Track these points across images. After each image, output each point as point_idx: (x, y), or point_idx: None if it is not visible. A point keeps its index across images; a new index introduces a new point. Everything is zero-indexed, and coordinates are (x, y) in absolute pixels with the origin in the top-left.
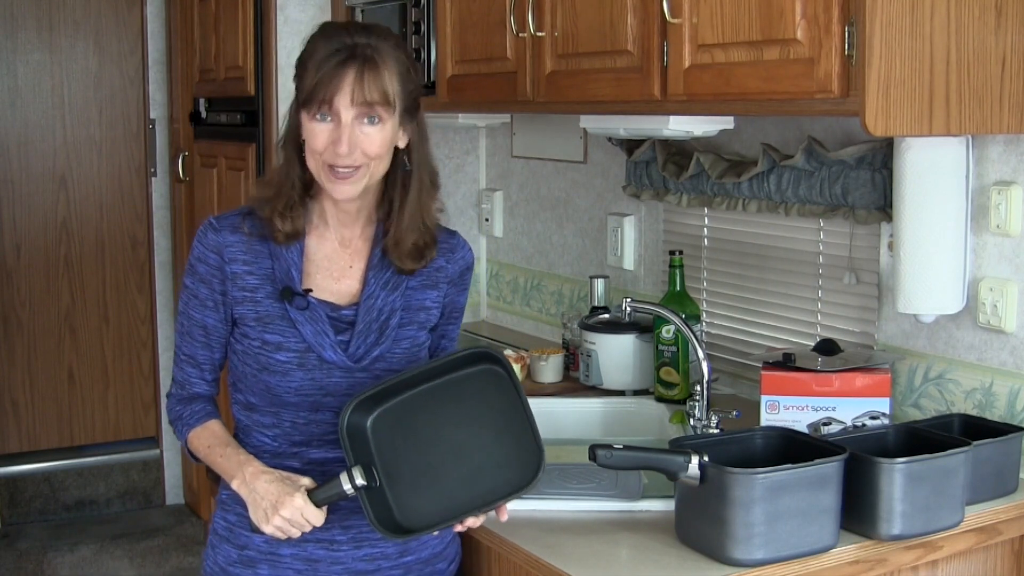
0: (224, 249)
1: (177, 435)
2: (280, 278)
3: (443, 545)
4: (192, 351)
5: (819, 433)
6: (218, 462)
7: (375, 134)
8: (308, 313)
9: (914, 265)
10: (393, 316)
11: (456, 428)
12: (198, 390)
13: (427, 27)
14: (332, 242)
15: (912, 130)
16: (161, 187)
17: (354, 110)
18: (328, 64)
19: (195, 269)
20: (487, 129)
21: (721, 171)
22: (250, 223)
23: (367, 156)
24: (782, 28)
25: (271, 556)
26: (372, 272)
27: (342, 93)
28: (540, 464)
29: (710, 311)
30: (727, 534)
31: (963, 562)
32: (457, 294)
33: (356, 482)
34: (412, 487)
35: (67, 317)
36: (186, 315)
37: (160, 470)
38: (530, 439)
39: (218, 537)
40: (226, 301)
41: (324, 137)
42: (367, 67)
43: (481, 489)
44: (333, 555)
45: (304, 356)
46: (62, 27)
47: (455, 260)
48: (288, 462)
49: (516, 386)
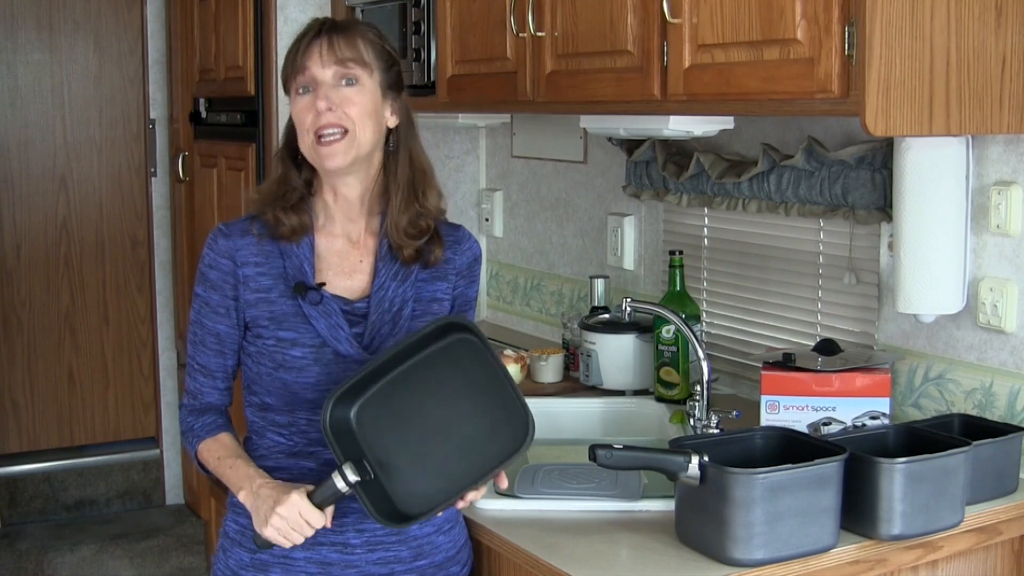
0: (236, 252)
1: (187, 447)
2: (292, 275)
3: (456, 549)
4: (205, 360)
5: (819, 433)
6: (227, 474)
7: (354, 95)
8: (321, 308)
9: (914, 265)
10: (405, 307)
11: (439, 404)
12: (210, 400)
13: (427, 27)
14: (341, 239)
15: (912, 130)
16: (161, 187)
17: (328, 70)
18: (301, 43)
19: (206, 276)
20: (487, 129)
21: (721, 171)
22: (258, 225)
23: (349, 117)
24: (782, 28)
25: (284, 560)
26: (381, 263)
27: (313, 55)
28: (528, 424)
29: (710, 311)
30: (727, 534)
31: (963, 562)
32: (466, 286)
33: (348, 479)
34: (407, 472)
35: (67, 317)
36: (198, 324)
37: (160, 470)
38: (514, 401)
39: (229, 540)
40: (238, 306)
41: (308, 108)
42: (336, 32)
43: (475, 460)
44: (347, 558)
45: (320, 351)
46: (62, 27)
47: (462, 252)
48: (304, 462)
49: (489, 351)
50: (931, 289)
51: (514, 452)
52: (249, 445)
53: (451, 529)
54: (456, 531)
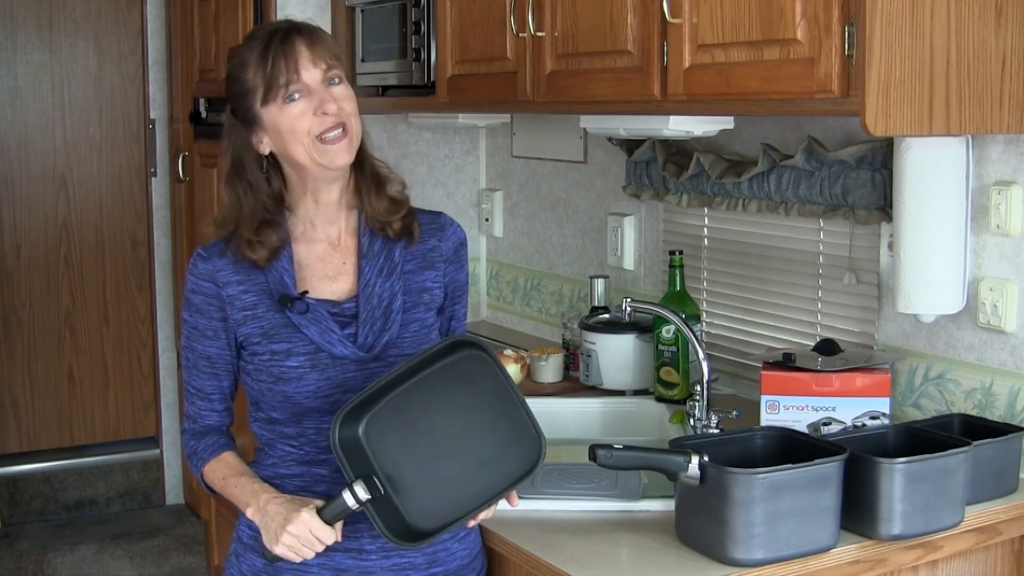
0: (216, 274)
1: (193, 470)
2: (275, 289)
3: (471, 556)
4: (200, 384)
5: (819, 433)
6: (233, 492)
7: (343, 92)
8: (310, 315)
9: (914, 265)
10: (395, 300)
11: (450, 420)
12: (210, 422)
13: (427, 27)
14: (321, 244)
15: (912, 130)
16: (161, 187)
17: (318, 72)
18: (270, 51)
19: (191, 301)
20: (487, 129)
21: (721, 171)
22: (233, 247)
23: (347, 113)
24: (782, 28)
25: (298, 566)
26: (365, 261)
27: (302, 61)
28: (541, 444)
29: (710, 311)
30: (727, 534)
31: (963, 562)
32: (456, 272)
33: (359, 496)
34: (418, 489)
35: (67, 317)
36: (189, 348)
37: (160, 470)
38: (525, 420)
39: (243, 546)
40: (227, 327)
41: (305, 113)
42: (309, 33)
43: (487, 479)
44: (361, 564)
45: (315, 357)
46: (62, 27)
47: (446, 238)
48: (316, 469)
49: (500, 368)
50: (931, 289)
51: (526, 473)
52: (261, 456)
53: (466, 537)
54: (471, 539)
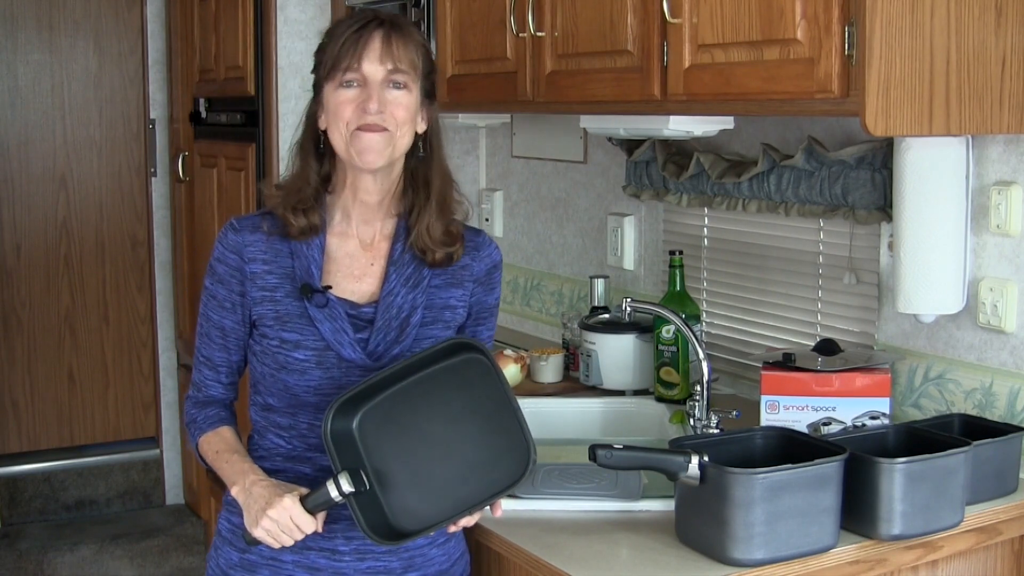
0: (244, 249)
1: (189, 438)
2: (300, 276)
3: (450, 562)
4: (210, 353)
5: (819, 433)
6: (223, 468)
7: (402, 98)
8: (327, 311)
9: (914, 265)
10: (414, 314)
11: (444, 423)
12: (213, 393)
13: (427, 27)
14: (354, 241)
15: (912, 130)
16: (161, 187)
17: (382, 70)
18: (352, 31)
19: (214, 270)
20: (487, 129)
21: (721, 171)
22: (270, 222)
23: (395, 120)
24: (782, 28)
25: (273, 561)
26: (393, 268)
27: (370, 53)
28: (530, 456)
29: (710, 311)
30: (727, 534)
31: (963, 562)
32: (485, 293)
33: (343, 488)
34: (404, 487)
35: (67, 317)
36: (205, 316)
37: (160, 470)
38: (518, 430)
39: (221, 539)
40: (244, 303)
41: (351, 102)
42: (393, 31)
43: (474, 486)
44: (335, 565)
45: (323, 354)
46: (62, 27)
47: (480, 258)
48: (300, 467)
49: (500, 375)
50: (931, 289)
51: (512, 484)
52: (251, 445)
53: (446, 542)
54: (451, 544)
